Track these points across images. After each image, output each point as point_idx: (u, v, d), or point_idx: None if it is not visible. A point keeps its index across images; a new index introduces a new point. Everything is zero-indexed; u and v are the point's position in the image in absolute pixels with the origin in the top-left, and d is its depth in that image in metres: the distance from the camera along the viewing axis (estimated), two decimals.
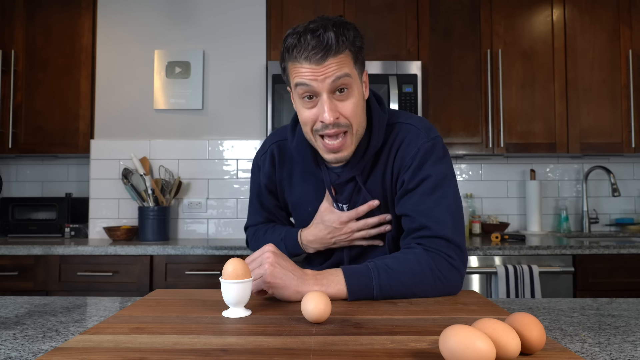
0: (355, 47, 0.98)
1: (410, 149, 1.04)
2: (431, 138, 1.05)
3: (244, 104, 2.73)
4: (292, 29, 0.97)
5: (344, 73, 0.94)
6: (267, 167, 1.19)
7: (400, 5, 2.63)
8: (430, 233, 0.97)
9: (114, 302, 1.01)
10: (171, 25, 2.74)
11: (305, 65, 0.94)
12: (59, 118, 2.64)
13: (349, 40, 0.96)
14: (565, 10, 2.65)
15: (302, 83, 0.95)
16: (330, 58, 0.93)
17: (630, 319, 0.87)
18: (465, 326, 0.54)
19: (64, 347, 0.63)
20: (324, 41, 0.93)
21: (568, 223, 2.82)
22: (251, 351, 0.61)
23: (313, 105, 0.98)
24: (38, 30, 2.65)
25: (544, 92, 2.64)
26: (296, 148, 1.12)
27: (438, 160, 1.03)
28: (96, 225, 2.70)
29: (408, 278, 0.92)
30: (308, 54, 0.93)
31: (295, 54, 0.95)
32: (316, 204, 1.13)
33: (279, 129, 1.22)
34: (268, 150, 1.19)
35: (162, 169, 2.69)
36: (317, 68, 0.94)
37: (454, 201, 1.02)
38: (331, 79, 0.94)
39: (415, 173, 1.02)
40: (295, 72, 0.97)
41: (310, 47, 0.93)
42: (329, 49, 0.93)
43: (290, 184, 1.17)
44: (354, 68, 0.98)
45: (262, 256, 0.90)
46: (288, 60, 0.98)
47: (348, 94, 0.97)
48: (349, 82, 0.96)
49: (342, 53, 0.95)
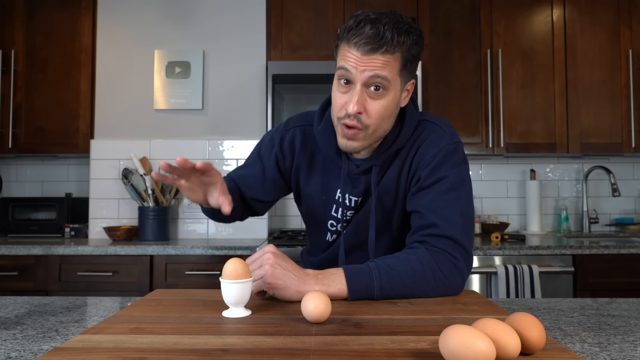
0: (410, 53, 0.97)
1: (431, 148, 1.04)
2: (454, 142, 1.05)
3: (244, 104, 2.73)
4: (360, 11, 0.97)
5: (383, 75, 0.94)
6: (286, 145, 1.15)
7: (400, 5, 2.63)
8: (438, 232, 0.97)
9: (114, 302, 1.01)
10: (171, 25, 2.74)
11: (352, 50, 0.94)
12: (59, 118, 2.64)
13: (406, 44, 0.95)
14: (565, 11, 2.65)
15: (343, 67, 0.96)
16: (377, 54, 0.93)
17: (630, 319, 0.87)
18: (465, 326, 0.54)
19: (64, 347, 0.63)
20: (379, 35, 0.92)
21: (568, 223, 2.82)
22: (251, 351, 0.61)
23: (346, 91, 0.98)
24: (38, 30, 2.65)
25: (544, 92, 2.64)
26: (321, 132, 1.10)
27: (457, 164, 1.03)
28: (96, 225, 2.69)
29: (409, 279, 0.92)
30: (359, 40, 0.93)
31: (349, 36, 0.95)
32: (330, 194, 1.13)
33: (306, 113, 1.19)
34: (291, 130, 1.16)
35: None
36: (361, 58, 0.93)
37: (467, 205, 1.01)
38: (369, 74, 0.94)
39: (433, 172, 1.02)
40: (342, 54, 0.97)
41: (364, 35, 0.93)
42: (379, 45, 0.92)
43: (308, 171, 1.15)
44: (397, 74, 0.97)
45: (263, 257, 0.89)
46: (342, 39, 0.97)
47: (381, 94, 0.96)
48: (386, 85, 0.96)
49: (392, 54, 0.94)
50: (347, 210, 1.12)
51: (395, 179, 1.07)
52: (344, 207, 1.12)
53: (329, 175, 1.13)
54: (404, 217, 1.10)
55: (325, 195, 1.14)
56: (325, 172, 1.13)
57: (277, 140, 1.17)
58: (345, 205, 1.12)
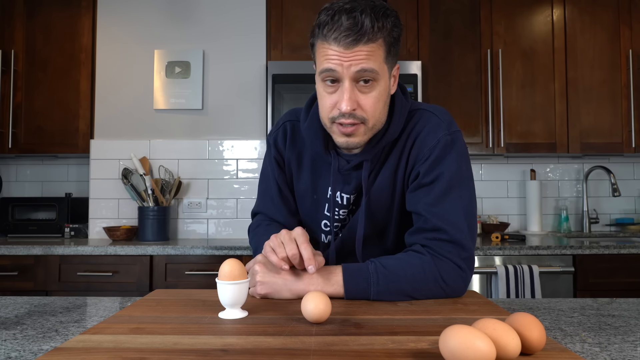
0: (392, 37, 0.92)
1: (429, 140, 0.98)
2: (452, 132, 0.99)
3: (244, 104, 2.73)
4: (329, 4, 0.91)
5: (370, 68, 0.89)
6: (279, 142, 1.13)
7: (400, 5, 2.63)
8: (445, 237, 0.93)
9: (114, 302, 1.01)
10: (171, 25, 2.74)
11: (333, 47, 0.88)
12: (58, 118, 2.64)
13: (386, 28, 0.90)
14: (566, 10, 2.65)
15: (327, 69, 0.90)
16: (361, 44, 0.87)
17: (630, 319, 0.87)
18: (465, 326, 0.54)
19: (64, 347, 0.63)
20: (358, 24, 0.86)
21: (568, 223, 2.82)
22: (251, 351, 0.61)
23: (334, 90, 0.93)
24: (38, 30, 2.65)
25: (544, 92, 2.64)
26: (307, 129, 1.05)
27: (457, 157, 0.98)
28: (96, 225, 2.69)
29: (409, 284, 0.90)
30: (338, 35, 0.87)
31: (325, 32, 0.89)
32: (321, 192, 1.09)
33: (293, 109, 1.15)
34: (281, 127, 1.13)
35: (162, 169, 2.68)
36: (344, 52, 0.88)
37: (469, 203, 0.97)
38: (357, 68, 0.88)
39: (432, 167, 0.96)
40: (321, 53, 0.91)
41: (342, 29, 0.87)
42: (361, 35, 0.87)
43: (297, 168, 1.12)
44: (384, 61, 0.92)
45: (253, 268, 0.93)
46: (317, 37, 0.92)
47: (372, 86, 0.91)
48: (374, 76, 0.90)
49: (375, 42, 0.89)
50: (340, 209, 1.07)
51: (392, 174, 1.02)
52: (337, 205, 1.07)
53: (318, 172, 1.09)
54: (402, 215, 1.05)
55: (316, 193, 1.09)
56: (315, 169, 1.09)
57: (272, 142, 1.15)
58: (338, 204, 1.07)
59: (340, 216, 1.08)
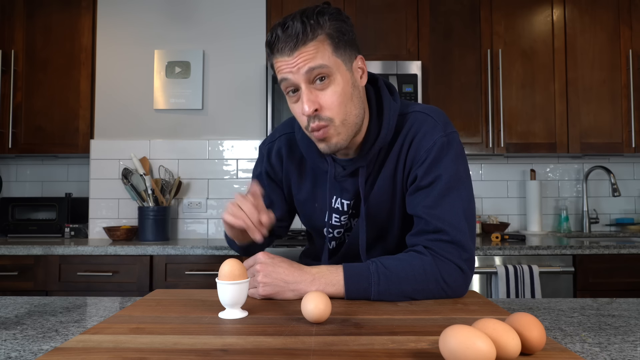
0: (334, 30, 0.93)
1: (425, 142, 0.98)
2: (448, 133, 0.99)
3: (244, 104, 2.73)
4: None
5: (318, 64, 0.90)
6: (273, 157, 1.15)
7: (401, 5, 2.63)
8: (446, 238, 0.93)
9: (114, 302, 1.01)
10: (171, 25, 2.74)
11: (280, 58, 0.92)
12: (58, 118, 2.64)
13: (322, 25, 0.91)
14: (565, 11, 2.65)
15: (282, 79, 0.93)
16: (300, 47, 0.90)
17: (630, 319, 0.87)
18: (465, 326, 0.54)
19: (64, 347, 0.63)
20: (290, 32, 0.90)
21: (568, 223, 2.82)
22: (251, 351, 0.61)
23: (297, 99, 0.95)
24: (38, 30, 2.65)
25: (544, 92, 2.64)
26: (301, 140, 1.07)
27: (454, 158, 0.98)
28: (96, 225, 2.69)
29: (409, 285, 0.90)
30: (279, 47, 0.91)
31: (271, 49, 0.93)
32: (322, 200, 1.10)
33: (290, 119, 1.16)
34: (276, 141, 1.15)
35: (162, 169, 2.68)
36: (289, 60, 0.91)
37: (469, 203, 0.98)
38: (305, 69, 0.90)
39: (430, 169, 0.97)
40: (276, 69, 0.95)
41: (280, 40, 0.91)
42: (297, 38, 0.90)
43: (297, 178, 1.13)
44: (333, 54, 0.92)
45: (254, 267, 0.92)
46: (269, 56, 0.96)
47: (328, 82, 0.92)
48: (327, 71, 0.91)
49: (315, 39, 0.91)
50: (340, 215, 1.08)
51: (390, 178, 1.03)
52: (336, 212, 1.08)
53: (318, 180, 1.10)
54: (405, 217, 1.06)
55: (317, 202, 1.10)
56: (314, 178, 1.10)
57: (265, 153, 1.17)
58: (338, 211, 1.08)
59: (341, 222, 1.09)
